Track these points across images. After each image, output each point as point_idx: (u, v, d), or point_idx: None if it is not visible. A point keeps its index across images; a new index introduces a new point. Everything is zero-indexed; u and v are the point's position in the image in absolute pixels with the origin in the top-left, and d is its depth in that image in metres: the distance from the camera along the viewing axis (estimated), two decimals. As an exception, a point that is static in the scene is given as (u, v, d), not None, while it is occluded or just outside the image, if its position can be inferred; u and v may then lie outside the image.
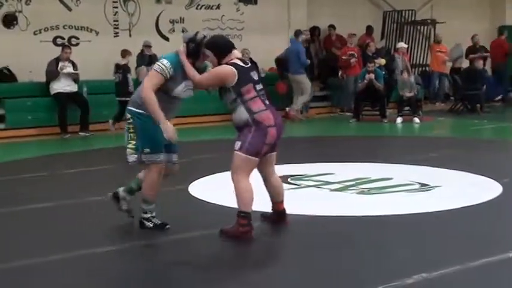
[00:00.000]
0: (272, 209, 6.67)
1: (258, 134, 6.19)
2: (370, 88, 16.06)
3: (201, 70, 6.46)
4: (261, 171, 6.54)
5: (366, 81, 16.02)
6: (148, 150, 6.46)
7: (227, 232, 6.28)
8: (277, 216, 6.68)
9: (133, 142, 6.49)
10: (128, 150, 6.54)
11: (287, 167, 9.69)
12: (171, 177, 6.89)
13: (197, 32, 6.52)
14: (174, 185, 7.82)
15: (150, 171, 6.55)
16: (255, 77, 6.36)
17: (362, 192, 8.20)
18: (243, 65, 6.32)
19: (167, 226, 6.65)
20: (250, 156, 6.19)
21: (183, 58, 6.40)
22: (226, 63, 6.28)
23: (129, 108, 6.59)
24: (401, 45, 18.48)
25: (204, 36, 6.43)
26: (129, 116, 6.58)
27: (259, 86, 6.35)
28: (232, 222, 6.30)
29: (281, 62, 17.19)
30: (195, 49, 6.39)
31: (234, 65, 6.27)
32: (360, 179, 8.84)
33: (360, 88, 16.23)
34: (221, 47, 6.39)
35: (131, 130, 6.53)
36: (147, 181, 6.59)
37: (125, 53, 15.26)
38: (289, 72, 16.77)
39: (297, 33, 17.19)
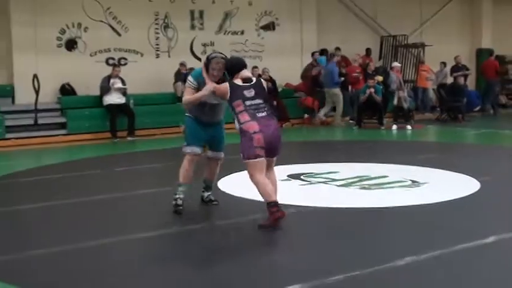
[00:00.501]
0: None
1: (245, 140, 6.22)
2: (370, 100, 16.05)
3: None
4: None
5: (366, 94, 16.02)
6: (185, 143, 6.89)
7: (265, 225, 6.21)
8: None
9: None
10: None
11: (300, 166, 9.75)
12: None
13: (214, 52, 6.94)
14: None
15: (184, 159, 6.88)
16: (249, 94, 6.30)
17: (363, 188, 8.18)
18: (241, 84, 6.34)
19: (180, 212, 6.82)
20: (252, 160, 6.22)
21: (204, 72, 6.68)
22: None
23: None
24: (396, 64, 18.42)
25: (214, 57, 6.63)
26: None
27: (250, 102, 6.28)
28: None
29: (313, 78, 17.46)
30: (205, 64, 6.67)
31: (231, 83, 6.35)
32: (361, 177, 8.83)
33: (362, 100, 16.23)
34: (230, 67, 6.49)
35: (184, 130, 7.11)
36: (181, 167, 6.89)
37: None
38: (325, 87, 16.97)
39: (331, 54, 17.66)
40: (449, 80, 19.62)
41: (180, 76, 15.82)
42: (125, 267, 5.22)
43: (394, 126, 15.92)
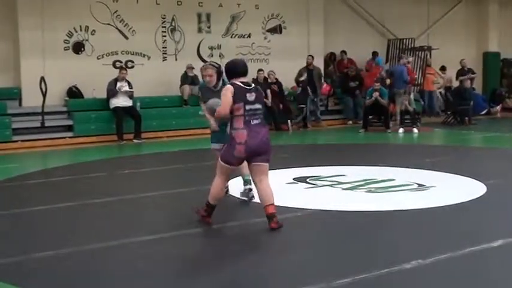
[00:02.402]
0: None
1: (229, 147, 6.28)
2: (376, 104, 16.01)
3: None
4: (252, 179, 6.52)
5: (373, 98, 15.97)
6: None
7: (198, 212, 6.59)
8: (267, 218, 6.34)
9: None
10: None
11: (306, 169, 9.73)
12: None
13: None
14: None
15: None
16: (251, 98, 6.23)
17: (369, 191, 8.16)
18: (242, 85, 6.25)
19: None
20: (222, 163, 6.34)
21: None
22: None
23: None
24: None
25: (203, 65, 7.33)
26: None
27: (250, 106, 6.22)
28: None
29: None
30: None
31: (234, 84, 6.24)
32: (367, 180, 8.81)
33: (368, 104, 16.19)
34: (233, 69, 6.39)
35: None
36: None
37: None
38: (395, 88, 17.13)
39: (401, 57, 18.54)
40: (453, 83, 19.64)
41: (187, 79, 15.86)
42: (130, 270, 5.21)
43: (401, 130, 15.89)
